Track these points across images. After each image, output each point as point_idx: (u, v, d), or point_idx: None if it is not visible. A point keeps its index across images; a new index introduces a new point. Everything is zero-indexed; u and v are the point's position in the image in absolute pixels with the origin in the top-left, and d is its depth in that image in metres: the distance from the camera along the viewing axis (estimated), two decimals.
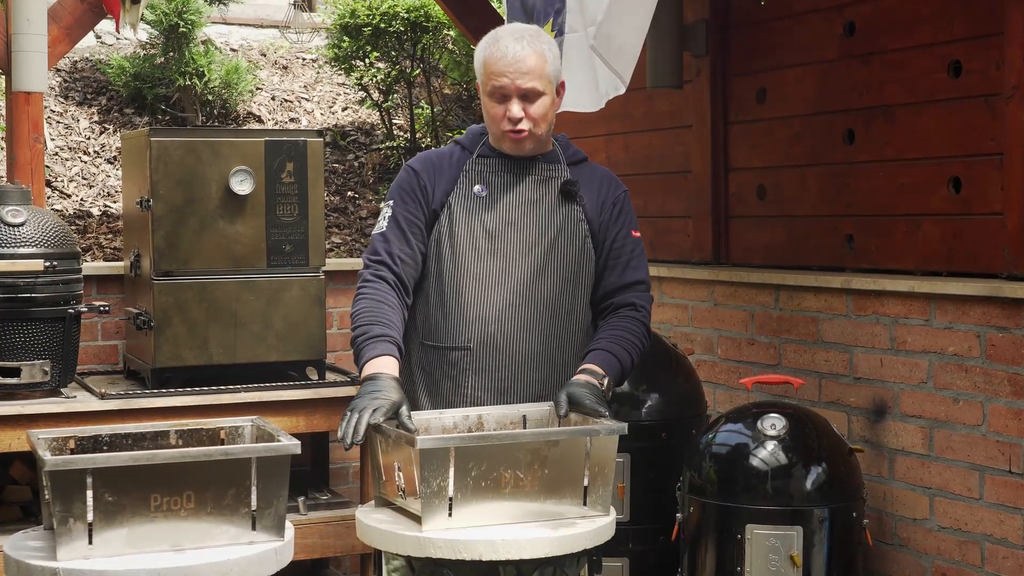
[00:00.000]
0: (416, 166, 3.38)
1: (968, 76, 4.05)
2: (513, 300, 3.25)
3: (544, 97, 3.25)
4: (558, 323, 3.29)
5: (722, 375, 4.94)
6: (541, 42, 3.27)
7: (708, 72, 5.09)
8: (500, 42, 3.24)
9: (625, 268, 3.36)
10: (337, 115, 8.65)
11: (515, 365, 3.25)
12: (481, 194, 3.30)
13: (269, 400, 4.69)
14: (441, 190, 3.31)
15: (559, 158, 3.39)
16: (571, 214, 3.33)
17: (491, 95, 3.25)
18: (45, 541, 2.76)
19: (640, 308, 3.35)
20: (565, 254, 3.30)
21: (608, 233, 3.36)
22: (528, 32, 3.28)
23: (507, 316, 3.24)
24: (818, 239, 4.63)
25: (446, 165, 3.35)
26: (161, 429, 3.03)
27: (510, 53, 3.21)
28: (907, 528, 4.15)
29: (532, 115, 3.25)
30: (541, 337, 3.26)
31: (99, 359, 5.38)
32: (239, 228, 4.79)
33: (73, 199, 7.11)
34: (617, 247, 3.36)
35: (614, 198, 3.40)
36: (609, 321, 3.34)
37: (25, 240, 4.45)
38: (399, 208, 3.32)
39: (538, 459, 2.90)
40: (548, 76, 3.25)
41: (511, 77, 3.20)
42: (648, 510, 4.27)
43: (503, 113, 3.24)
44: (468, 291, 3.25)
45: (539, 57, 3.23)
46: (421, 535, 2.80)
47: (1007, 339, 3.79)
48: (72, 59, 8.39)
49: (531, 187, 3.33)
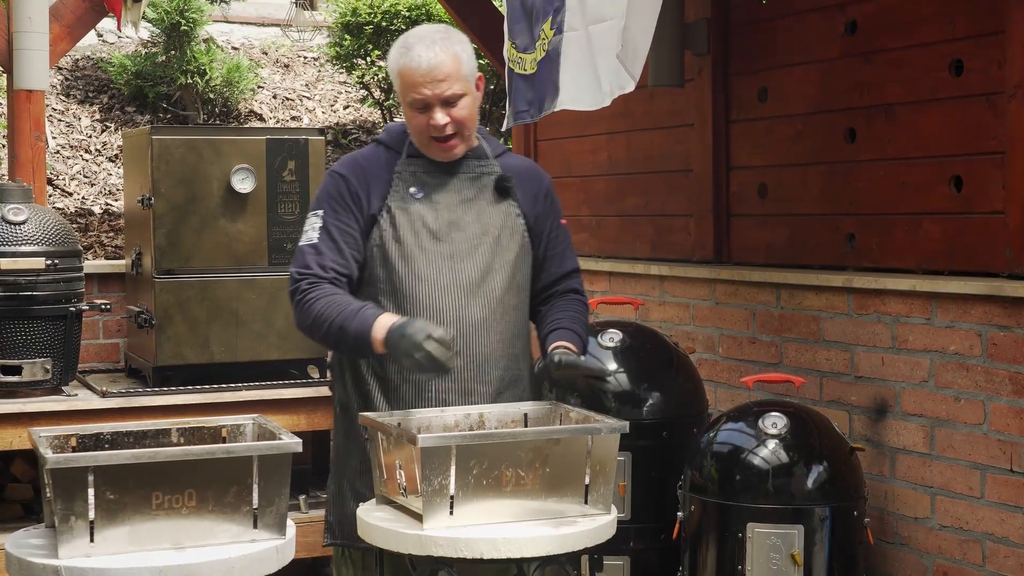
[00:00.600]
0: (343, 172, 3.28)
1: (969, 75, 4.05)
2: (466, 300, 3.23)
3: (466, 98, 3.21)
4: (508, 318, 3.29)
5: (723, 374, 4.94)
6: (453, 42, 3.22)
7: (709, 71, 5.08)
8: (412, 51, 3.18)
9: (563, 258, 3.41)
10: (339, 113, 8.66)
11: (476, 364, 3.24)
12: (417, 196, 3.26)
13: (270, 398, 4.70)
14: (376, 195, 3.24)
15: (486, 152, 3.36)
16: (508, 210, 3.32)
17: (412, 106, 3.20)
18: (47, 539, 2.76)
19: (581, 292, 3.43)
20: (508, 250, 3.30)
21: (544, 224, 3.37)
22: (438, 34, 3.22)
23: (463, 316, 3.22)
24: (819, 238, 4.63)
25: (376, 168, 3.28)
26: (163, 427, 3.04)
27: (424, 62, 3.16)
28: (908, 527, 4.15)
29: (457, 118, 3.21)
30: (496, 334, 3.26)
31: (100, 357, 5.39)
32: (240, 226, 4.80)
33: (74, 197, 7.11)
34: (554, 237, 3.39)
35: (544, 189, 3.41)
36: (557, 304, 3.37)
37: (26, 238, 4.45)
38: (330, 217, 3.23)
39: (539, 457, 2.90)
40: (465, 76, 3.21)
41: (430, 88, 3.16)
42: (649, 508, 4.27)
43: (427, 122, 3.20)
44: (422, 294, 3.21)
45: (454, 59, 3.19)
46: (422, 533, 2.80)
47: (1008, 338, 3.79)
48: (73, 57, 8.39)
49: (465, 185, 3.31)
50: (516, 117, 4.67)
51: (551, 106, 4.44)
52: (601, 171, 5.82)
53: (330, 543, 3.35)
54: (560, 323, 3.31)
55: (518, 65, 4.61)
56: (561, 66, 4.36)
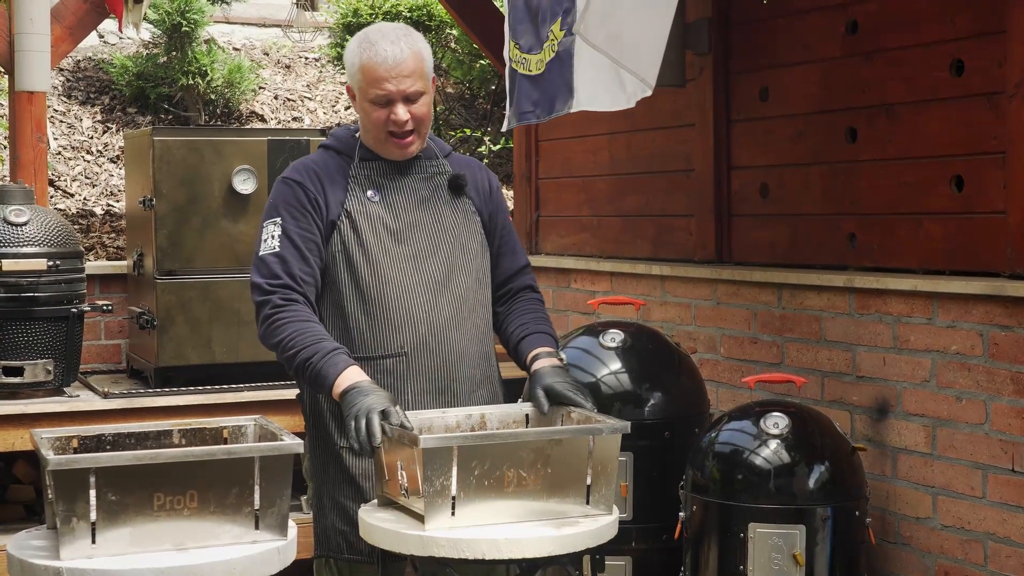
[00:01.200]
0: (298, 178, 3.25)
1: (970, 74, 4.05)
2: (434, 299, 3.22)
3: (425, 96, 3.22)
4: (475, 316, 3.29)
5: (725, 374, 4.94)
6: (415, 40, 3.22)
7: (710, 70, 5.08)
8: (376, 46, 3.17)
9: (514, 253, 3.43)
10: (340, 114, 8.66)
11: (450, 363, 3.24)
12: (374, 199, 3.25)
13: (272, 399, 4.69)
14: (334, 199, 3.22)
15: (435, 152, 3.37)
16: (463, 207, 3.33)
17: (374, 101, 3.18)
18: (48, 540, 2.76)
19: (536, 290, 3.46)
20: (469, 248, 3.30)
21: (495, 221, 3.39)
22: (401, 32, 3.22)
23: (433, 316, 3.22)
24: (821, 237, 4.63)
25: (330, 173, 3.26)
26: (164, 428, 3.04)
27: (390, 57, 3.15)
28: (910, 527, 4.15)
29: (417, 115, 3.21)
30: (466, 332, 3.26)
31: (102, 358, 5.39)
32: (242, 227, 4.80)
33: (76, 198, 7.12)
34: (505, 233, 3.41)
35: (491, 186, 3.43)
36: (518, 305, 3.39)
37: (28, 239, 4.45)
38: (290, 224, 3.19)
39: (541, 458, 2.90)
40: (427, 74, 3.23)
41: (394, 82, 3.15)
42: (651, 509, 4.26)
43: (386, 117, 3.18)
44: (391, 297, 3.20)
45: (417, 57, 3.19)
46: (424, 534, 2.80)
47: (1010, 338, 3.79)
48: (75, 58, 8.40)
49: (419, 185, 3.31)
50: (520, 118, 4.66)
51: (564, 107, 4.43)
52: (602, 171, 5.82)
53: (318, 555, 3.32)
54: (527, 327, 3.32)
55: (522, 65, 4.60)
56: (575, 67, 4.35)
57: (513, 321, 3.36)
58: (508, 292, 3.42)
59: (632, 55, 3.91)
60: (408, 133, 3.22)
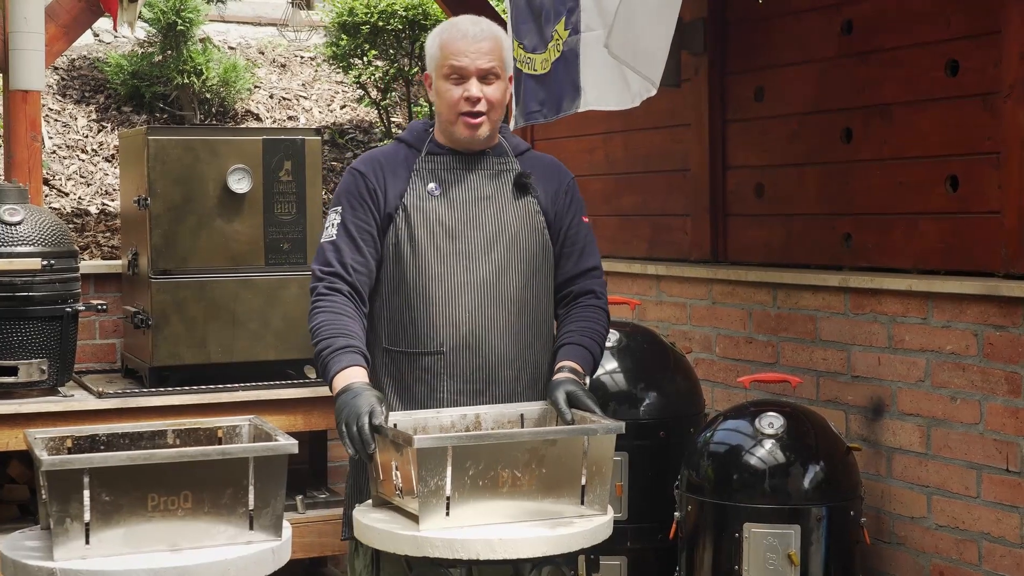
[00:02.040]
0: (362, 168, 3.29)
1: (965, 75, 4.05)
2: (480, 300, 3.22)
3: (500, 81, 3.24)
4: (525, 318, 3.26)
5: (720, 373, 4.94)
6: (496, 29, 3.27)
7: (706, 70, 5.08)
8: (459, 24, 3.24)
9: (581, 255, 3.37)
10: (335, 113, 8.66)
11: (489, 365, 3.22)
12: (435, 193, 3.25)
13: (267, 399, 4.69)
14: (393, 192, 3.25)
15: (507, 150, 3.36)
16: (527, 207, 3.31)
17: (447, 77, 3.21)
18: (42, 541, 2.76)
19: (600, 295, 3.39)
20: (526, 248, 3.28)
21: (563, 221, 3.35)
22: (483, 19, 3.28)
23: (476, 317, 3.21)
24: (816, 237, 4.63)
25: (394, 165, 3.29)
26: (158, 429, 3.03)
27: (470, 34, 3.20)
28: (905, 526, 4.15)
29: (489, 98, 3.22)
30: (511, 335, 3.24)
31: (97, 358, 5.38)
32: (237, 227, 4.79)
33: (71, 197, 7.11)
34: (572, 234, 3.36)
35: (565, 186, 3.39)
36: (573, 312, 3.34)
37: (22, 239, 4.44)
38: (348, 215, 3.24)
39: (536, 458, 2.90)
40: (504, 60, 3.25)
41: (471, 57, 3.18)
42: (646, 509, 4.26)
43: (461, 94, 3.20)
44: (435, 294, 3.20)
45: (496, 40, 3.23)
46: (419, 534, 2.80)
47: (1004, 338, 3.79)
48: (70, 57, 8.39)
49: (484, 182, 3.30)
50: (528, 117, 4.65)
51: (572, 107, 4.43)
52: (598, 171, 5.82)
53: (347, 537, 3.35)
54: (570, 336, 3.28)
55: (527, 65, 4.60)
56: (581, 66, 4.35)
57: (562, 327, 3.34)
58: (569, 295, 3.36)
59: (642, 56, 3.91)
60: (479, 113, 3.22)
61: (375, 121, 8.53)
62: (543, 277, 3.31)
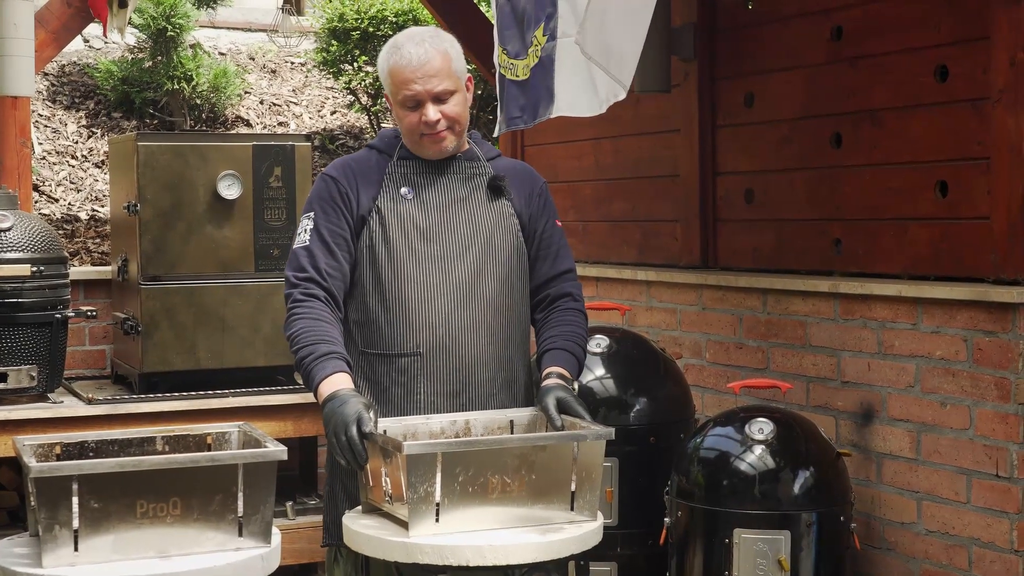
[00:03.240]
0: (334, 174, 3.30)
1: (955, 80, 4.06)
2: (456, 302, 3.22)
3: (456, 95, 3.23)
4: (501, 320, 3.27)
5: (710, 379, 4.94)
6: (442, 41, 3.25)
7: (696, 76, 5.09)
8: (402, 49, 3.20)
9: (556, 258, 3.38)
10: (326, 119, 8.65)
11: (466, 367, 3.23)
12: (408, 196, 3.26)
13: (257, 404, 4.69)
14: (366, 196, 3.25)
15: (478, 155, 3.37)
16: (501, 209, 3.31)
17: (403, 104, 3.21)
18: (31, 548, 2.75)
19: (577, 298, 3.40)
20: (501, 250, 3.28)
21: (537, 224, 3.36)
22: (427, 34, 3.26)
23: (453, 319, 3.22)
24: (806, 243, 4.63)
25: (366, 170, 3.29)
26: (147, 435, 3.03)
27: (415, 58, 3.18)
28: (895, 532, 4.16)
29: (449, 114, 3.22)
30: (487, 336, 3.24)
31: (86, 364, 5.37)
32: (227, 232, 4.79)
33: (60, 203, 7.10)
34: (547, 238, 3.37)
35: (538, 190, 3.41)
36: (552, 316, 3.35)
37: (12, 245, 4.44)
38: (321, 220, 3.24)
39: (525, 464, 2.89)
40: (456, 73, 3.24)
41: (421, 83, 3.18)
42: (636, 514, 4.26)
43: (418, 120, 3.21)
44: (411, 296, 3.20)
45: (443, 56, 3.21)
46: (408, 541, 2.80)
47: (994, 343, 3.80)
48: (60, 63, 8.38)
49: (457, 185, 3.31)
50: (509, 123, 4.66)
51: (546, 112, 4.43)
52: (588, 176, 5.82)
53: (326, 544, 3.34)
54: (553, 341, 3.28)
55: (510, 71, 4.61)
56: (556, 72, 4.35)
57: (543, 333, 3.34)
58: (545, 298, 3.37)
59: (614, 57, 3.92)
60: (441, 131, 3.23)
61: (365, 127, 8.53)
62: (518, 279, 3.32)
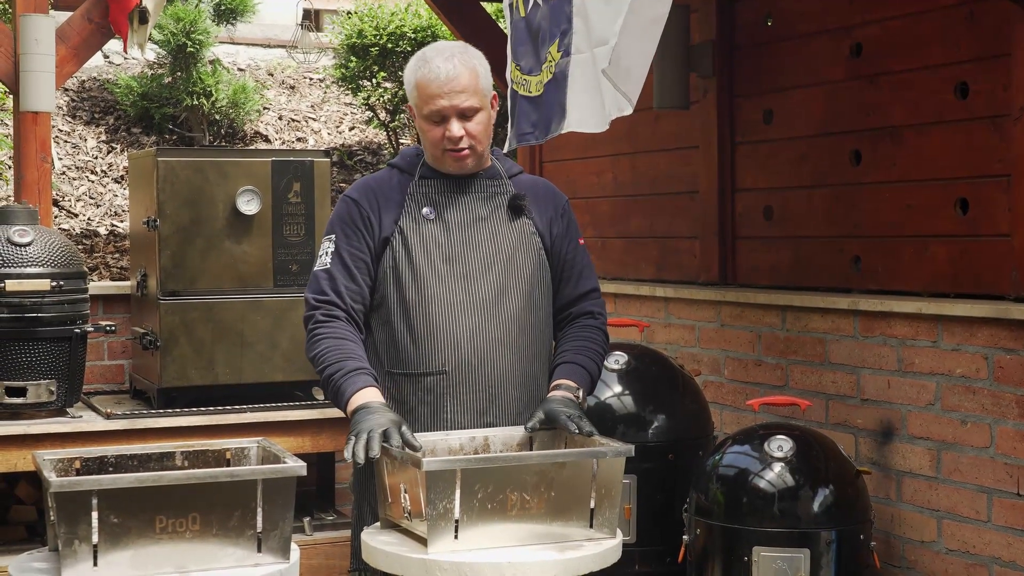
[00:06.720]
0: (355, 196, 3.29)
1: (975, 97, 4.05)
2: (481, 320, 3.21)
3: (481, 112, 3.22)
4: (525, 338, 3.26)
5: (729, 396, 4.93)
6: (472, 57, 3.24)
7: (715, 93, 5.09)
8: (431, 63, 3.19)
9: (579, 278, 3.38)
10: (344, 135, 8.67)
11: (492, 386, 3.22)
12: (430, 216, 3.25)
13: (275, 420, 4.68)
14: (388, 217, 3.25)
15: (499, 173, 3.36)
16: (523, 227, 3.31)
17: (428, 118, 3.21)
18: (50, 563, 2.75)
19: (597, 316, 3.39)
20: (523, 269, 3.28)
21: (561, 244, 3.36)
22: (456, 49, 3.25)
23: (478, 337, 3.21)
24: (825, 260, 4.62)
25: (388, 191, 3.29)
26: (167, 450, 3.03)
27: (443, 73, 3.17)
28: (915, 551, 4.13)
29: (472, 133, 3.21)
30: (512, 355, 3.24)
31: (105, 379, 5.38)
32: (245, 248, 4.80)
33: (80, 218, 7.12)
34: (570, 258, 3.37)
35: (561, 209, 3.40)
36: (570, 332, 3.35)
37: (32, 260, 4.45)
38: (342, 242, 3.24)
39: (544, 481, 2.89)
40: (482, 91, 3.23)
41: (447, 99, 3.17)
42: (655, 532, 4.25)
43: (442, 135, 3.20)
44: (435, 316, 3.20)
45: (472, 73, 3.20)
46: (427, 557, 2.79)
47: (1015, 361, 3.78)
48: (80, 79, 8.42)
49: (478, 204, 3.30)
50: (520, 139, 4.67)
51: (558, 128, 4.43)
52: (606, 193, 5.82)
53: (354, 568, 3.33)
54: (565, 355, 3.29)
55: (523, 87, 4.61)
56: (568, 89, 4.36)
57: (559, 347, 3.35)
58: (567, 317, 3.38)
59: (622, 72, 3.93)
60: (464, 148, 3.22)
61: (384, 143, 8.55)
62: (541, 295, 3.32)
